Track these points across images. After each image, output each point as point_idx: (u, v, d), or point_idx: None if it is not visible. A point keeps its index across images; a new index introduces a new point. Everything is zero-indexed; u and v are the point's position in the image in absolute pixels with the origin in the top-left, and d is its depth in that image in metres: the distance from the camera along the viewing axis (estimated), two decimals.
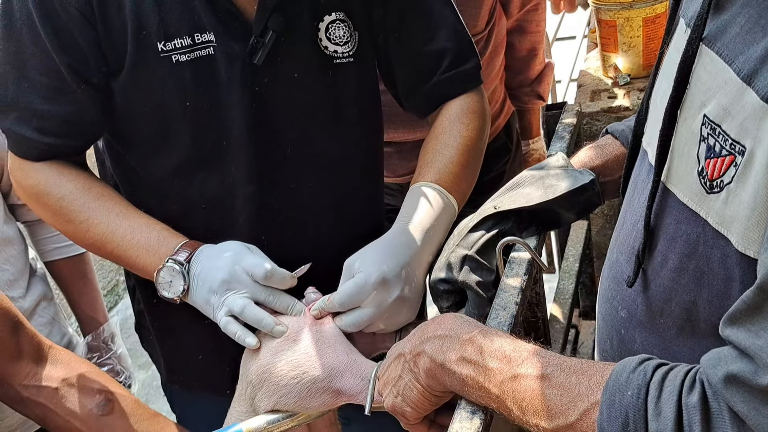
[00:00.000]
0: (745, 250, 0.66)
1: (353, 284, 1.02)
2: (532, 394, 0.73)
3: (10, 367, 1.02)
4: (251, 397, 1.02)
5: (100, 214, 1.13)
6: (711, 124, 0.69)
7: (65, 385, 1.04)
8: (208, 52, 1.09)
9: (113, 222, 1.12)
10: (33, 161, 1.14)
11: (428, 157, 1.19)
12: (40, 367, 1.04)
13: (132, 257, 1.12)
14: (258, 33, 1.09)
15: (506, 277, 1.00)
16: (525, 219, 1.05)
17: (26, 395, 1.03)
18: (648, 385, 0.66)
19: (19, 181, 1.17)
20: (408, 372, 0.87)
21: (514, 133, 2.07)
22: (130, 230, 1.12)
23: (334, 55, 1.18)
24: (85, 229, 1.13)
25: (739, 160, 0.65)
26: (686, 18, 0.79)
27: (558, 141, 1.42)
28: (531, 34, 2.00)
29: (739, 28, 0.67)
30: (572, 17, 3.94)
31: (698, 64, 0.72)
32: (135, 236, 1.11)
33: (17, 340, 1.04)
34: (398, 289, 1.02)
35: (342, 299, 1.02)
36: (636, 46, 2.00)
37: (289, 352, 1.00)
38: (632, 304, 0.85)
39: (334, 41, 1.17)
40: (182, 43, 1.07)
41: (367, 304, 1.02)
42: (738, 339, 0.62)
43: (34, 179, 1.14)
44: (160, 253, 1.10)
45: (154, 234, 1.12)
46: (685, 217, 0.74)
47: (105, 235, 1.12)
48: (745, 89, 0.64)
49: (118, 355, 1.67)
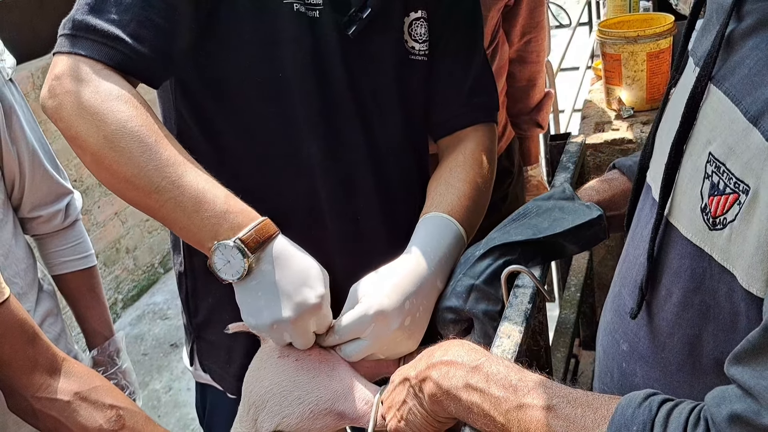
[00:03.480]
0: (748, 287, 0.67)
1: (352, 316, 1.01)
2: (537, 425, 0.73)
3: (24, 378, 1.02)
4: (254, 418, 1.02)
5: (167, 154, 0.97)
6: (716, 162, 0.69)
7: (77, 398, 1.04)
8: (314, 15, 1.11)
9: (179, 168, 0.96)
10: (104, 64, 0.98)
11: (441, 189, 1.20)
12: (54, 379, 1.04)
13: (185, 218, 0.96)
14: (358, 7, 1.12)
15: (510, 306, 1.00)
16: (531, 250, 1.06)
17: (38, 407, 1.02)
18: (653, 421, 0.67)
19: (68, 83, 0.98)
20: (413, 397, 0.87)
21: (515, 157, 2.09)
22: (195, 182, 0.96)
23: (411, 51, 1.22)
24: (144, 162, 0.96)
25: (743, 199, 0.66)
26: (696, 57, 0.80)
27: (562, 171, 1.43)
28: (531, 64, 2.03)
29: (748, 70, 0.68)
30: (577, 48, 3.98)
31: (706, 102, 0.73)
32: (201, 194, 0.96)
33: (32, 351, 1.03)
34: (398, 321, 1.01)
35: (340, 331, 1.02)
36: (640, 80, 2.02)
37: (293, 374, 1.01)
38: (634, 338, 0.85)
39: (414, 37, 1.21)
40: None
41: (366, 336, 1.01)
42: (743, 378, 0.63)
43: (93, 85, 0.97)
44: (224, 225, 0.96)
45: (221, 199, 0.97)
46: (689, 252, 0.74)
47: (158, 188, 0.96)
48: (751, 130, 0.65)
49: (123, 369, 1.67)
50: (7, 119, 1.40)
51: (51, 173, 1.52)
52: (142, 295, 4.18)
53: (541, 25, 1.99)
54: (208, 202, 0.96)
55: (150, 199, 0.97)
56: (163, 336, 3.80)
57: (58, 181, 1.55)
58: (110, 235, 3.95)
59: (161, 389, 3.39)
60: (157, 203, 0.97)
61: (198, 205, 0.96)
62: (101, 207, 3.86)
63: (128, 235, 4.06)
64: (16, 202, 1.49)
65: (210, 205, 0.96)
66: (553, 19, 4.21)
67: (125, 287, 4.06)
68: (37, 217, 1.52)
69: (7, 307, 1.02)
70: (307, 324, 0.98)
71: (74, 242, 1.62)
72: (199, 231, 0.97)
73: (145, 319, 3.97)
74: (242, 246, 0.94)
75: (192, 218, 0.96)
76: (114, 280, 3.97)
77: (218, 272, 0.96)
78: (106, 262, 3.92)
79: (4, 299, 1.01)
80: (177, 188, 0.96)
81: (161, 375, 3.48)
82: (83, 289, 1.63)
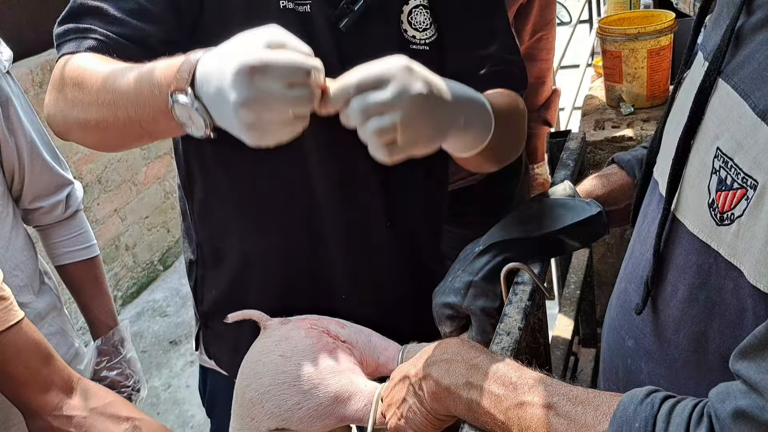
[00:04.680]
0: (756, 282, 0.66)
1: (375, 62, 0.84)
2: (537, 423, 0.73)
3: (41, 398, 1.04)
4: (250, 414, 1.02)
5: (112, 74, 0.94)
6: (723, 157, 0.69)
7: (94, 413, 1.05)
8: (305, 9, 1.09)
9: (121, 77, 0.93)
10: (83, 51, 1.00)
11: None
12: (69, 397, 1.06)
13: (144, 111, 0.92)
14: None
15: (510, 303, 1.00)
16: (530, 247, 1.06)
17: (57, 425, 1.04)
18: (655, 417, 0.66)
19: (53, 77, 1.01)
20: (413, 395, 0.87)
21: (523, 155, 2.10)
22: (136, 77, 0.92)
23: (412, 40, 1.17)
24: (96, 91, 0.95)
25: (750, 194, 0.65)
26: (705, 52, 0.79)
27: (562, 168, 1.42)
28: (540, 62, 2.03)
29: (758, 64, 0.68)
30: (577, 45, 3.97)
31: (714, 97, 0.72)
32: (140, 82, 0.91)
33: (48, 371, 1.05)
34: (424, 83, 0.83)
35: (360, 75, 0.82)
36: (640, 77, 2.02)
37: (293, 373, 1.00)
38: (640, 334, 0.85)
39: (414, 26, 1.17)
40: None
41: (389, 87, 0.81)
42: (748, 374, 0.62)
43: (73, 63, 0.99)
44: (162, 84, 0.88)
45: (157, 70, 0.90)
46: (696, 248, 0.74)
47: (115, 94, 0.93)
48: (760, 124, 0.65)
49: (128, 359, 1.67)
50: (4, 111, 1.40)
51: (51, 164, 1.52)
52: (142, 293, 4.18)
53: (552, 23, 2.00)
54: (142, 78, 0.91)
55: (110, 120, 0.95)
56: (162, 333, 3.80)
57: (58, 172, 1.54)
58: (109, 232, 3.94)
59: (160, 386, 3.39)
60: (114, 117, 0.94)
61: (136, 88, 0.91)
62: (100, 204, 3.85)
63: (127, 233, 4.05)
64: (16, 194, 1.50)
65: (143, 80, 0.91)
66: None
67: (124, 284, 4.06)
68: (38, 208, 1.52)
69: (22, 328, 1.03)
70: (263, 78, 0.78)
71: (76, 232, 1.62)
72: (150, 108, 0.90)
73: (145, 316, 3.97)
74: (177, 92, 0.84)
75: (140, 104, 0.91)
76: (113, 277, 3.97)
77: (193, 131, 0.87)
78: (106, 260, 3.92)
79: (18, 320, 1.03)
80: (116, 92, 0.93)
81: (160, 372, 3.48)
82: (86, 279, 1.63)
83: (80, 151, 3.65)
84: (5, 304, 1.02)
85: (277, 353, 1.03)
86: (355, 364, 1.04)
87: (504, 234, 1.05)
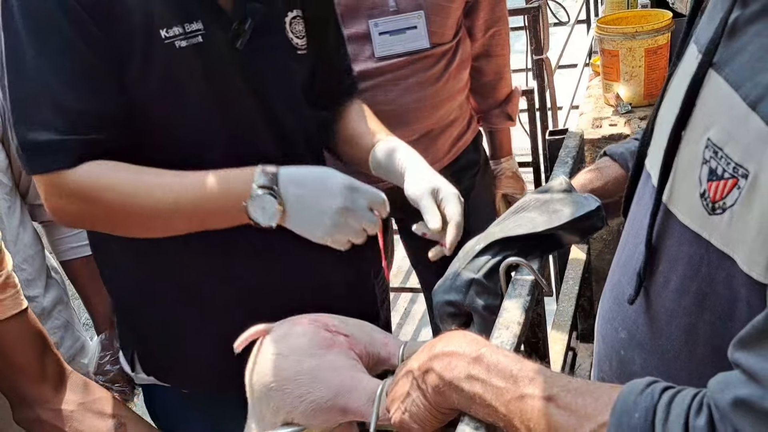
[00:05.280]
0: (749, 271, 0.67)
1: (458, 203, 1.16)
2: (539, 415, 0.73)
3: (35, 389, 1.06)
4: (261, 412, 1.03)
5: (163, 184, 1.10)
6: (714, 147, 0.70)
7: (81, 408, 1.07)
8: (197, 40, 1.13)
9: (177, 185, 1.10)
10: (67, 168, 1.07)
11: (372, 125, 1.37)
12: (59, 391, 1.08)
13: (210, 207, 1.10)
14: (237, 20, 1.16)
15: (509, 298, 1.01)
16: (531, 244, 1.06)
17: (45, 418, 1.06)
18: (655, 407, 0.66)
19: (56, 199, 1.10)
20: (416, 388, 0.87)
21: (481, 148, 2.13)
22: (199, 183, 1.10)
23: (297, 47, 1.29)
24: (152, 206, 1.09)
25: (742, 183, 0.66)
26: (699, 44, 0.80)
27: (561, 166, 1.44)
28: (496, 57, 2.06)
29: (750, 56, 0.68)
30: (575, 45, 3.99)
31: (705, 88, 0.73)
32: (205, 186, 1.09)
33: (43, 363, 1.07)
34: None
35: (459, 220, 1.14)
36: (638, 75, 2.03)
37: (295, 370, 1.01)
38: (633, 325, 0.86)
39: (296, 34, 1.28)
40: (177, 31, 1.11)
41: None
42: (747, 363, 0.62)
43: (76, 184, 1.07)
44: (238, 189, 1.09)
45: (222, 175, 1.10)
46: (687, 239, 0.75)
47: (177, 201, 1.09)
48: (751, 114, 0.65)
49: None
50: None
51: None
52: None
53: (504, 19, 2.03)
54: (208, 185, 1.10)
55: (176, 224, 1.13)
56: None
57: None
58: None
59: None
60: (186, 223, 1.12)
61: (204, 192, 1.10)
62: None
63: None
64: (23, 190, 1.52)
65: (212, 186, 1.10)
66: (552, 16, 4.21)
67: None
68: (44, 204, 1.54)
69: (24, 317, 1.05)
70: (358, 196, 1.10)
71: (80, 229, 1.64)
72: (223, 209, 1.10)
73: None
74: (265, 188, 1.08)
75: (210, 203, 1.10)
76: None
77: (261, 223, 1.09)
78: None
79: (22, 309, 1.05)
80: (193, 206, 1.11)
81: None
82: (90, 275, 1.64)
83: None
84: (13, 292, 1.03)
85: (276, 351, 1.04)
86: (355, 359, 1.05)
87: (504, 232, 1.06)
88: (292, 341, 1.04)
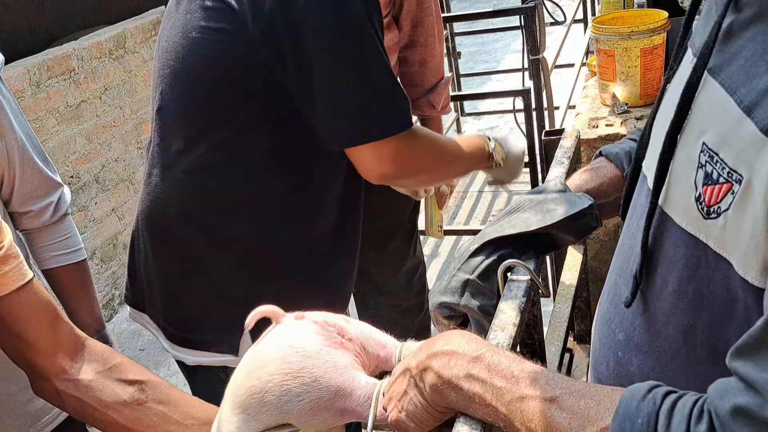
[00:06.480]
0: (744, 275, 0.67)
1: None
2: (540, 416, 0.73)
3: (48, 361, 1.02)
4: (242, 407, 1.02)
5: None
6: (709, 151, 0.70)
7: (100, 377, 1.04)
8: None
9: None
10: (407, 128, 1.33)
11: None
12: (76, 361, 1.04)
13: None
14: None
15: (505, 299, 1.01)
16: (524, 243, 1.07)
17: (62, 389, 1.03)
18: (658, 413, 0.66)
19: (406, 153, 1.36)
20: (413, 387, 0.87)
21: None
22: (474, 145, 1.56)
23: None
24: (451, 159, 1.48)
25: (736, 188, 0.66)
26: (694, 48, 0.80)
27: (557, 166, 1.44)
28: (421, 47, 2.18)
29: (744, 61, 0.68)
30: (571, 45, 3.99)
31: (701, 92, 0.73)
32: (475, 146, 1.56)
33: (55, 333, 1.03)
34: None
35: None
36: (634, 75, 2.03)
37: (298, 362, 1.01)
38: (630, 327, 0.86)
39: None
40: None
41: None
42: (745, 372, 0.63)
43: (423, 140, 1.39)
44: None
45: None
46: (684, 241, 0.75)
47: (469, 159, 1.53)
48: (745, 120, 0.66)
49: None
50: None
51: (40, 167, 1.51)
52: None
53: (429, 11, 2.14)
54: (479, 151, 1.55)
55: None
56: None
57: (48, 175, 1.54)
58: (107, 231, 3.95)
59: None
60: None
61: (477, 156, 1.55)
62: (98, 203, 3.86)
63: (125, 231, 4.06)
64: (6, 197, 1.49)
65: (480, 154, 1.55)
66: (549, 16, 4.22)
67: (122, 283, 4.06)
68: (27, 212, 1.52)
69: (30, 288, 1.02)
70: None
71: (64, 236, 1.61)
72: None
73: None
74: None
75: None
76: (111, 276, 3.97)
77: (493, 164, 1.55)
78: (104, 258, 3.93)
79: (27, 281, 1.01)
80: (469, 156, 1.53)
81: (158, 371, 3.49)
82: (73, 283, 1.63)
83: (77, 151, 3.65)
84: (16, 262, 1.00)
85: (286, 344, 1.03)
86: (356, 360, 1.05)
87: (498, 231, 1.06)
88: (303, 338, 1.03)
